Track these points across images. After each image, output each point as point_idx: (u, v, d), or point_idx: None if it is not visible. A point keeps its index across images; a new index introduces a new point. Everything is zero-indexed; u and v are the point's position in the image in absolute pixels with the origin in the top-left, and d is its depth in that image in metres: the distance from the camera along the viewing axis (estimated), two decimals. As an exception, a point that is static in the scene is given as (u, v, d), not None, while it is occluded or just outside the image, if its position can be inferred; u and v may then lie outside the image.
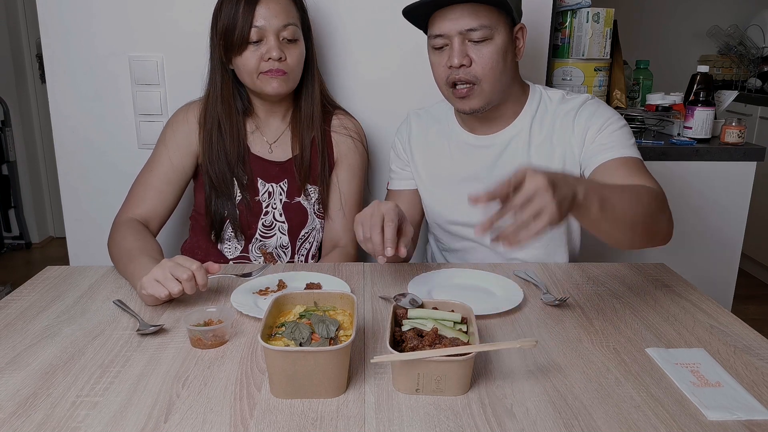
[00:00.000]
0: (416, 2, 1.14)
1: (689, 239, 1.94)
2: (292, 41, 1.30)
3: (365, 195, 1.52)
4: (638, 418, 0.74)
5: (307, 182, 1.40)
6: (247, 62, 1.29)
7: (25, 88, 3.67)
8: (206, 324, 0.94)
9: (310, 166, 1.40)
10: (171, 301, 1.06)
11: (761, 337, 0.96)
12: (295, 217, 1.41)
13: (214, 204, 1.38)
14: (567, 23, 1.85)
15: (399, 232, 1.04)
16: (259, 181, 1.39)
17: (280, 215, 1.40)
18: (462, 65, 1.14)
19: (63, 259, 1.71)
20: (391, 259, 1.02)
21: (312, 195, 1.42)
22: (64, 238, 1.72)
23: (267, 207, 1.40)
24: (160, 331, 0.95)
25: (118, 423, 0.73)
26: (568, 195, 0.84)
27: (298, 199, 1.40)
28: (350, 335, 0.80)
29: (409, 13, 1.17)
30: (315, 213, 1.43)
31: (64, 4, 1.55)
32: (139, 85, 1.61)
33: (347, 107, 1.53)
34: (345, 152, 1.43)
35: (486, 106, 1.19)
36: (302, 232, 1.42)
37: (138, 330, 0.95)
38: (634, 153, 1.18)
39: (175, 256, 1.03)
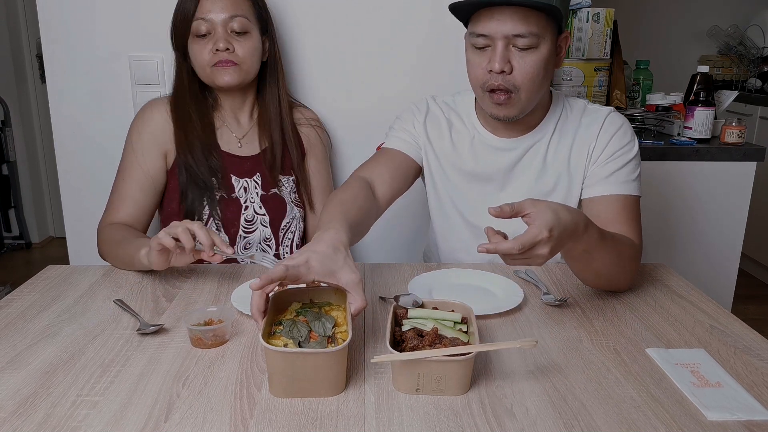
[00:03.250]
0: (464, 1, 1.09)
1: (689, 239, 1.94)
2: (242, 33, 1.32)
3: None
4: (638, 418, 0.75)
5: (279, 174, 1.43)
6: (198, 55, 1.32)
7: (25, 88, 3.67)
8: (206, 324, 0.94)
9: (283, 158, 1.43)
10: (171, 301, 1.06)
11: (761, 337, 0.96)
12: (275, 208, 1.42)
13: (191, 202, 1.34)
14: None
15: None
16: (233, 177, 1.39)
17: (260, 208, 1.40)
18: (502, 71, 1.09)
19: (63, 259, 1.71)
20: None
21: (286, 185, 1.44)
22: (64, 238, 1.72)
23: (245, 202, 1.39)
24: (160, 330, 0.95)
25: (118, 422, 0.73)
26: (562, 247, 0.94)
27: (274, 190, 1.42)
28: (345, 331, 0.80)
29: (455, 8, 1.12)
30: (293, 202, 1.45)
31: (64, 4, 1.55)
32: (139, 85, 1.61)
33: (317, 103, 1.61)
34: (313, 143, 1.49)
35: (520, 114, 1.16)
36: (284, 223, 1.43)
37: (138, 330, 0.95)
38: (635, 190, 1.20)
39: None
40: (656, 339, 0.95)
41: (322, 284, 0.90)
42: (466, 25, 1.17)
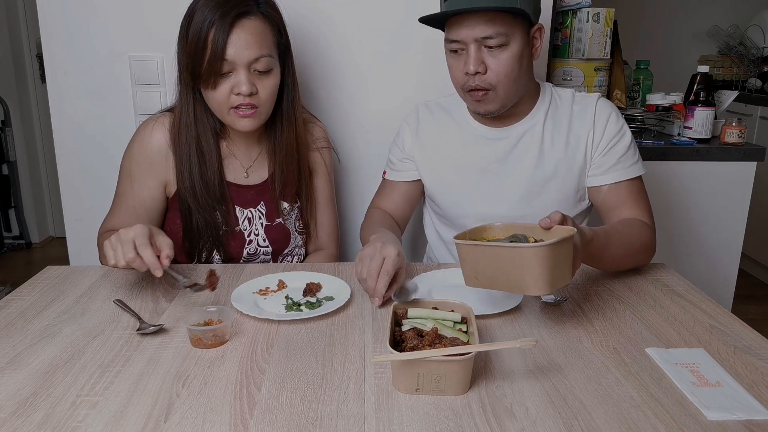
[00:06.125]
0: (432, 14, 1.15)
1: (689, 239, 1.94)
2: (265, 72, 1.19)
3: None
4: (638, 418, 0.75)
5: (287, 201, 1.35)
6: (216, 95, 1.19)
7: (25, 88, 3.67)
8: (206, 324, 0.94)
9: (296, 183, 1.35)
10: (171, 301, 1.07)
11: (761, 337, 0.96)
12: (279, 240, 1.34)
13: (192, 240, 1.28)
14: (567, 23, 1.85)
15: (393, 279, 1.03)
16: (237, 209, 1.31)
17: (264, 241, 1.33)
18: (477, 72, 1.15)
19: (63, 259, 1.71)
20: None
21: (291, 214, 1.36)
22: (64, 238, 1.72)
23: (249, 235, 1.32)
24: (160, 330, 0.95)
25: (118, 422, 0.73)
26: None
27: (278, 220, 1.34)
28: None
29: (427, 21, 1.18)
30: (296, 230, 1.37)
31: (64, 4, 1.55)
32: (139, 85, 1.61)
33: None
34: (318, 164, 1.41)
35: (501, 109, 1.22)
36: (285, 251, 1.37)
37: (138, 330, 0.95)
38: (640, 170, 1.26)
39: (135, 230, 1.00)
40: (656, 339, 0.95)
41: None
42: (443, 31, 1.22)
